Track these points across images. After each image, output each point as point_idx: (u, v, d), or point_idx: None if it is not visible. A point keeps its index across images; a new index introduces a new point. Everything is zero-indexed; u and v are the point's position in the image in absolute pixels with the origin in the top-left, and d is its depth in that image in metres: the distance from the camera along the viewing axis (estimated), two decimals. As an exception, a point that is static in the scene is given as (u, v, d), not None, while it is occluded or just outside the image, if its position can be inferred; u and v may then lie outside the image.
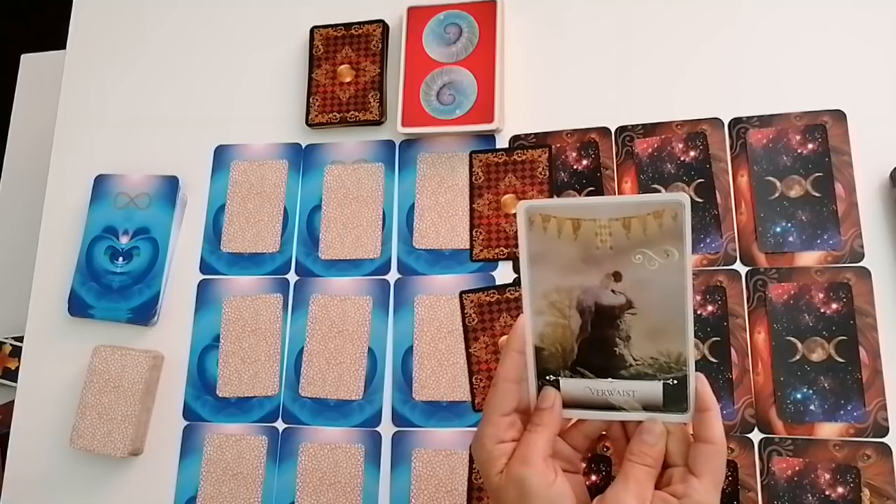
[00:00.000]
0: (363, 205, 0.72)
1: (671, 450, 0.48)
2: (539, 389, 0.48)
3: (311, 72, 0.76)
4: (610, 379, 0.47)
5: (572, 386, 0.48)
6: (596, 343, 0.47)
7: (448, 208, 0.71)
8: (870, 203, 0.63)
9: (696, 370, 0.46)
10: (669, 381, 0.46)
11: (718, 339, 0.62)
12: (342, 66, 0.76)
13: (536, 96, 0.72)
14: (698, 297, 0.63)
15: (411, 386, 0.67)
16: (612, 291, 0.46)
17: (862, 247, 0.62)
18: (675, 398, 0.46)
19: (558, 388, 0.48)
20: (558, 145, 0.70)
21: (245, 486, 0.67)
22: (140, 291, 0.73)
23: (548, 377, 0.48)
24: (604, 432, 0.52)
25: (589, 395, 0.48)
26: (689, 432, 0.49)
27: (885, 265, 0.61)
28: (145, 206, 0.75)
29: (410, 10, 0.74)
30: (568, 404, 0.48)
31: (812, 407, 0.59)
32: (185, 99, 0.80)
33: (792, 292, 0.62)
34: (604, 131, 0.69)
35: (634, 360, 0.47)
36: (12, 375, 1.02)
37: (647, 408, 0.47)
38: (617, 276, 0.46)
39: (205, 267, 0.74)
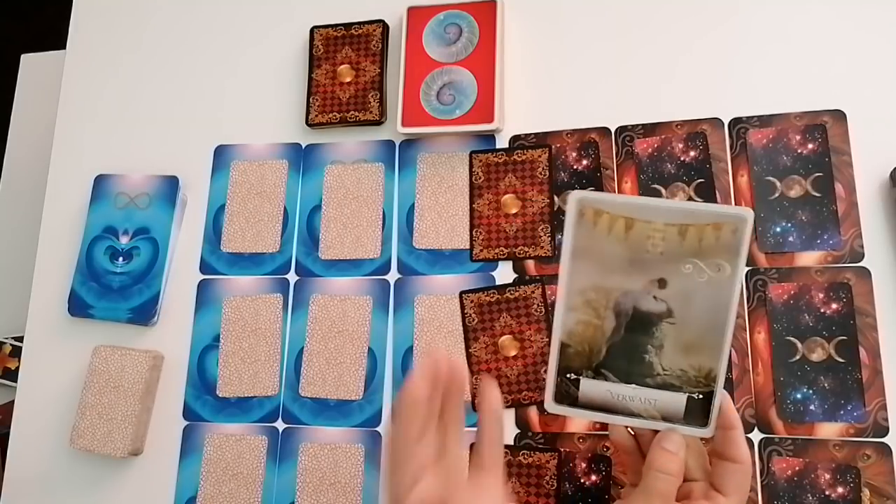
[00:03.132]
0: (363, 205, 0.72)
1: (690, 464, 0.47)
2: (557, 386, 0.48)
3: (311, 72, 0.76)
4: (634, 385, 0.46)
5: (593, 387, 0.47)
6: (626, 348, 0.46)
7: (448, 208, 0.71)
8: (870, 203, 0.63)
9: None
10: (695, 395, 0.46)
11: (718, 339, 0.62)
12: (342, 66, 0.76)
13: (536, 96, 0.72)
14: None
15: (411, 386, 0.67)
16: (654, 298, 0.45)
17: (862, 247, 0.62)
18: (696, 412, 0.46)
19: (578, 387, 0.47)
20: (558, 145, 0.70)
21: (245, 486, 0.67)
22: (140, 291, 0.73)
23: (568, 375, 0.47)
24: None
25: (608, 398, 0.47)
26: (703, 447, 0.48)
27: (885, 265, 0.61)
28: (145, 206, 0.75)
29: (410, 10, 0.74)
30: (584, 405, 0.48)
31: (812, 407, 0.59)
32: (185, 99, 0.80)
33: (792, 292, 0.62)
34: (604, 131, 0.69)
35: (663, 369, 0.46)
36: (12, 375, 1.02)
37: (666, 418, 0.46)
38: (662, 283, 0.45)
39: (205, 267, 0.74)
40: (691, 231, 0.43)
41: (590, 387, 0.47)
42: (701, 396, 0.46)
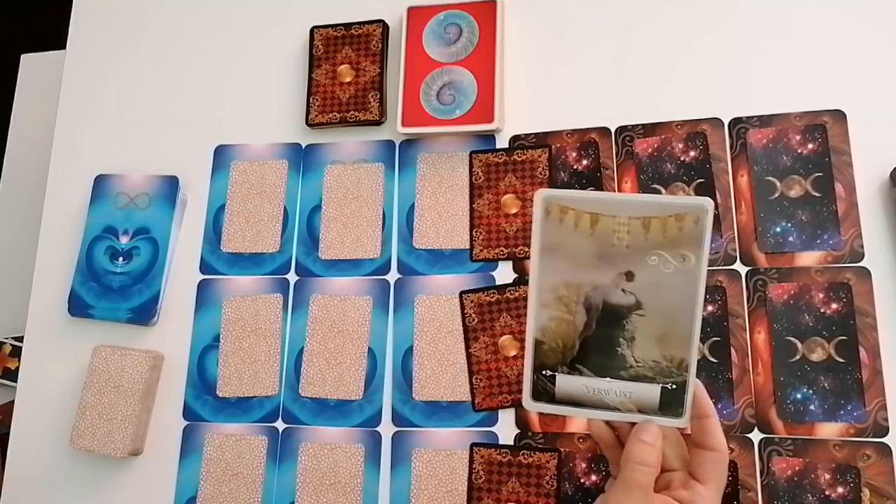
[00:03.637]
0: (363, 205, 0.72)
1: (667, 453, 0.48)
2: (534, 384, 0.48)
3: (311, 72, 0.76)
4: (608, 378, 0.47)
5: (568, 383, 0.48)
6: (599, 341, 0.47)
7: (448, 208, 0.71)
8: (870, 203, 0.63)
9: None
10: (668, 386, 0.46)
11: (718, 339, 0.62)
12: (342, 66, 0.76)
13: (536, 96, 0.72)
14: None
15: (411, 386, 0.67)
16: (623, 291, 0.46)
17: (862, 247, 0.62)
18: (671, 403, 0.46)
19: (554, 383, 0.48)
20: (558, 145, 0.70)
21: (245, 486, 0.67)
22: (140, 291, 0.73)
23: (544, 372, 0.48)
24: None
25: (584, 392, 0.48)
26: (681, 437, 0.48)
27: (885, 265, 0.61)
28: (145, 206, 0.75)
29: (410, 10, 0.74)
30: (562, 401, 0.48)
31: (812, 407, 0.59)
32: (185, 99, 0.80)
33: (792, 292, 0.62)
34: (604, 131, 0.69)
35: (636, 361, 0.46)
36: (12, 375, 1.02)
37: (642, 410, 0.47)
38: (629, 276, 0.45)
39: (205, 267, 0.74)
40: (654, 223, 0.44)
41: (566, 382, 0.48)
42: (675, 387, 0.46)
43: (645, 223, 0.44)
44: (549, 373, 0.48)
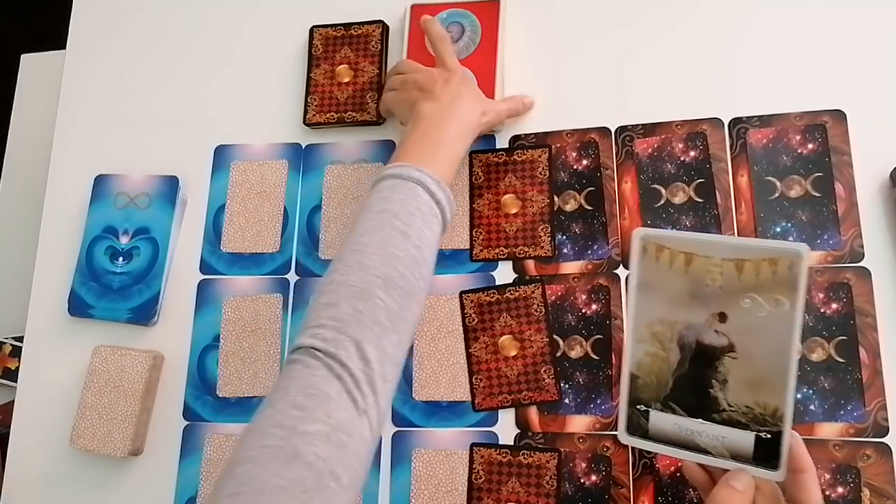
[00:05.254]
0: (363, 205, 0.72)
1: None
2: (629, 417, 0.49)
3: (309, 71, 0.76)
4: (700, 420, 0.47)
5: (661, 420, 0.48)
6: (691, 381, 0.47)
7: (448, 208, 0.70)
8: (870, 203, 0.63)
9: None
10: (762, 434, 0.45)
11: (719, 339, 0.62)
12: (341, 66, 0.76)
13: (536, 96, 0.72)
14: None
15: (411, 386, 0.67)
16: (716, 332, 0.46)
17: (862, 247, 0.62)
18: (766, 453, 0.46)
19: (648, 419, 0.48)
20: (558, 145, 0.70)
21: (245, 486, 0.67)
22: (140, 291, 0.73)
23: (639, 406, 0.48)
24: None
25: (677, 431, 0.48)
26: (778, 490, 0.47)
27: (885, 265, 0.61)
28: (145, 206, 0.75)
29: (414, 7, 0.74)
30: (655, 438, 0.48)
31: (812, 407, 0.59)
32: (185, 99, 0.80)
33: (792, 292, 0.62)
34: (604, 131, 0.69)
35: (728, 405, 0.46)
36: (12, 375, 1.02)
37: (736, 457, 0.46)
38: (722, 317, 0.45)
39: (205, 267, 0.74)
40: (748, 266, 0.45)
41: (659, 419, 0.48)
42: (769, 436, 0.45)
43: (738, 265, 0.45)
44: (643, 408, 0.48)
